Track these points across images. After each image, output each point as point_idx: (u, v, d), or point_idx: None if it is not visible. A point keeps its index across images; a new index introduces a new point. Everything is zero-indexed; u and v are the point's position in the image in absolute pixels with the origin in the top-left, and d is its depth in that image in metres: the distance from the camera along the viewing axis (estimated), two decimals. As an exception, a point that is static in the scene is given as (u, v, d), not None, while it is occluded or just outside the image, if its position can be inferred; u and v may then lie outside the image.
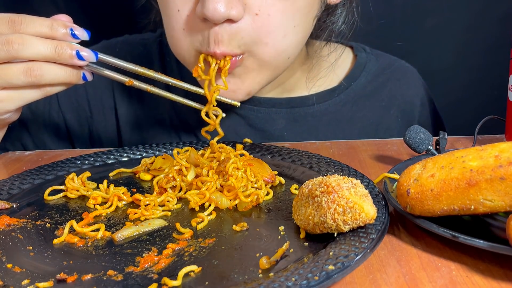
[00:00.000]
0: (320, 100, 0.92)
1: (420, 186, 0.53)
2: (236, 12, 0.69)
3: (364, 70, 0.95)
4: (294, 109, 0.92)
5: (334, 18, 0.84)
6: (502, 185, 0.48)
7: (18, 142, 1.00)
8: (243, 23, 0.71)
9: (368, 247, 0.49)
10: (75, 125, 0.98)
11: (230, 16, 0.69)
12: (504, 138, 0.81)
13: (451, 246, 0.53)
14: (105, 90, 0.96)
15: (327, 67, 0.91)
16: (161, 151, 0.81)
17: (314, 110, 0.92)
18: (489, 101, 1.10)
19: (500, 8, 1.18)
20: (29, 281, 0.49)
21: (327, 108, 0.92)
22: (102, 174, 0.75)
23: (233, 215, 0.62)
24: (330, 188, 0.51)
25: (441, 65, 1.24)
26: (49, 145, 0.99)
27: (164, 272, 0.50)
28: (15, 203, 0.66)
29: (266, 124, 0.92)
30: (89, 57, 0.67)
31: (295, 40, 0.77)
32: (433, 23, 1.22)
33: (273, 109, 0.92)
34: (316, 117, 0.92)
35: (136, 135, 0.96)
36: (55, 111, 0.97)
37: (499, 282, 0.48)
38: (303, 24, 0.76)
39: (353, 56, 0.98)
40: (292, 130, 0.92)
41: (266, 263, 0.49)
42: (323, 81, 0.92)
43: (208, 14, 0.68)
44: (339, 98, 0.93)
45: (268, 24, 0.72)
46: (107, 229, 0.59)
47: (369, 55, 0.97)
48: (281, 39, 0.74)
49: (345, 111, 0.93)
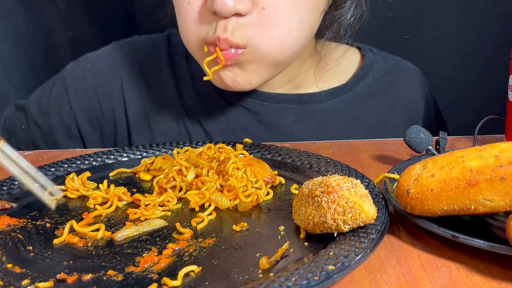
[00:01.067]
0: (328, 97, 0.94)
1: (420, 186, 0.53)
2: (244, 6, 0.72)
3: (371, 69, 0.96)
4: (303, 105, 0.93)
5: (343, 11, 0.85)
6: (502, 185, 0.48)
7: (31, 143, 1.00)
8: (250, 17, 0.74)
9: (368, 247, 0.49)
10: (86, 125, 0.99)
11: (238, 10, 0.72)
12: (504, 138, 0.81)
13: (451, 246, 0.53)
14: (114, 89, 0.97)
15: (335, 59, 0.93)
16: (161, 151, 0.81)
17: (322, 106, 0.93)
18: (489, 101, 1.10)
19: (500, 8, 1.18)
20: (29, 281, 0.49)
21: (335, 105, 0.94)
22: (102, 174, 0.75)
23: (233, 215, 0.62)
24: (330, 188, 0.51)
25: (441, 65, 1.24)
26: (61, 145, 0.99)
27: (164, 272, 0.50)
28: (15, 203, 0.66)
29: (275, 119, 0.93)
30: None
31: (300, 35, 0.78)
32: (433, 23, 1.22)
33: (282, 104, 0.93)
34: (324, 114, 0.93)
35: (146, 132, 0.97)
36: (66, 111, 0.98)
37: (499, 282, 0.48)
38: (309, 19, 0.77)
39: (361, 57, 0.99)
40: (300, 126, 0.93)
41: (266, 263, 0.49)
42: (331, 73, 0.93)
43: (217, 7, 0.71)
44: (347, 96, 0.94)
45: (274, 18, 0.73)
46: (107, 229, 0.59)
47: (376, 55, 0.99)
48: (286, 34, 0.75)
49: (353, 108, 0.94)
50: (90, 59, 1.00)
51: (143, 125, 0.97)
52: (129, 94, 0.96)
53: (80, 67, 0.98)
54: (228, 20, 0.73)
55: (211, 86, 0.90)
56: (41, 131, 0.99)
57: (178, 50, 0.97)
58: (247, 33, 0.74)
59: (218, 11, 0.72)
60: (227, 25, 0.73)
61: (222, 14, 0.72)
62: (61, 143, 0.99)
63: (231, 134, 0.80)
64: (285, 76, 0.90)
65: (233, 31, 0.73)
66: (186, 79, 0.95)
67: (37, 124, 0.99)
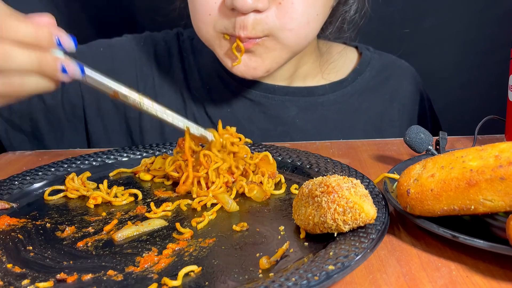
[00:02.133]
0: (329, 91, 0.98)
1: (420, 186, 0.53)
2: (263, 4, 0.76)
3: (369, 66, 1.01)
4: (306, 98, 0.97)
5: (347, 7, 0.91)
6: (502, 185, 0.48)
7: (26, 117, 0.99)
8: (268, 12, 0.78)
9: (368, 247, 0.49)
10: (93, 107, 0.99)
11: (257, 8, 0.76)
12: (504, 138, 0.81)
13: (451, 246, 0.53)
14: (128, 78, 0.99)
15: (339, 52, 1.00)
16: (161, 151, 0.81)
17: (324, 99, 0.97)
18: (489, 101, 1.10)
19: (500, 8, 1.18)
20: (29, 281, 0.49)
21: (335, 98, 0.98)
22: (102, 174, 0.75)
23: (233, 215, 0.62)
24: (330, 188, 0.51)
25: (441, 65, 1.24)
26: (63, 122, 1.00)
27: (164, 272, 0.50)
28: (15, 203, 0.66)
29: (279, 111, 0.96)
30: (74, 73, 0.62)
31: (316, 27, 0.84)
32: (433, 23, 1.22)
33: (286, 97, 0.96)
34: (325, 106, 0.97)
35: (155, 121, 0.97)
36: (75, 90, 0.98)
37: (499, 282, 0.48)
38: (323, 12, 0.83)
39: (358, 54, 1.04)
40: (303, 117, 0.97)
41: (266, 263, 0.49)
42: (335, 65, 0.99)
43: (237, 5, 0.75)
44: (346, 90, 0.98)
45: (292, 12, 0.78)
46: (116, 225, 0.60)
47: (373, 53, 1.03)
48: (305, 26, 0.81)
49: (352, 102, 0.98)
50: (105, 44, 1.01)
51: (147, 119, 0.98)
52: (143, 84, 0.99)
53: (93, 51, 1.00)
54: (247, 17, 0.77)
55: (218, 80, 0.95)
56: (45, 106, 0.98)
57: (186, 47, 1.00)
58: (267, 27, 0.79)
59: (239, 8, 0.75)
60: (246, 22, 0.77)
61: (242, 11, 0.76)
62: (64, 119, 1.00)
63: (237, 125, 0.81)
64: (289, 69, 0.95)
65: (253, 27, 0.78)
66: (194, 73, 0.99)
67: (41, 98, 0.97)
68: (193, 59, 1.00)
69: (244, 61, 0.82)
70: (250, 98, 0.96)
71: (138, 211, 0.63)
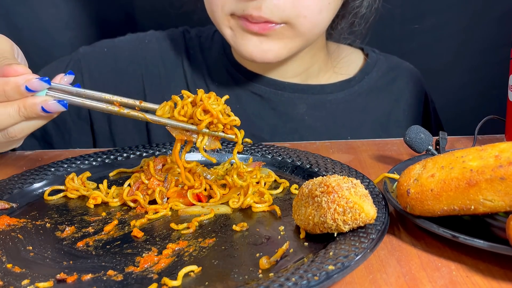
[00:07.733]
0: (337, 89, 0.99)
1: (420, 186, 0.53)
2: None
3: (375, 66, 1.02)
4: (314, 96, 0.98)
5: (358, 2, 0.92)
6: (502, 185, 0.48)
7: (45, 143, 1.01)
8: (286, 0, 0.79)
9: (368, 247, 0.49)
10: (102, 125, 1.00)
11: None
12: (504, 138, 0.81)
13: (451, 246, 0.53)
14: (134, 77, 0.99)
15: (346, 52, 1.01)
16: (161, 151, 0.81)
17: (332, 98, 0.98)
18: (489, 101, 1.11)
19: (499, 8, 1.18)
20: (29, 281, 0.49)
21: (343, 97, 0.99)
22: (102, 174, 0.75)
23: (233, 215, 0.62)
24: (330, 188, 0.51)
25: (441, 65, 1.24)
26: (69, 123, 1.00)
27: (164, 272, 0.50)
28: (15, 203, 0.66)
29: (288, 108, 0.97)
30: (57, 110, 0.62)
31: (327, 16, 0.85)
32: (433, 23, 1.22)
33: (295, 94, 0.97)
34: (333, 105, 0.98)
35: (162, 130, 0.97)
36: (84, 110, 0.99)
37: (499, 282, 0.48)
38: (334, 1, 0.84)
39: (364, 56, 1.05)
40: (312, 115, 0.97)
41: (266, 263, 0.49)
42: (346, 61, 1.01)
43: None
44: (354, 89, 1.00)
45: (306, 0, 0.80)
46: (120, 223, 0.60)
47: (378, 55, 1.05)
48: (318, 13, 0.82)
49: (360, 101, 1.00)
50: (108, 45, 1.02)
51: None
52: (149, 82, 0.99)
53: (97, 52, 1.00)
54: (262, 1, 0.78)
55: (227, 75, 0.96)
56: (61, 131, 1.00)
57: (194, 44, 1.01)
58: (284, 14, 0.80)
59: None
60: (260, 4, 0.79)
61: None
62: (70, 121, 1.00)
63: (246, 121, 0.82)
64: (299, 66, 0.96)
65: (271, 11, 0.79)
66: (203, 70, 0.99)
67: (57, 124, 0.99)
68: (201, 56, 1.00)
69: (255, 44, 0.83)
70: (259, 94, 0.97)
71: (138, 211, 0.64)
